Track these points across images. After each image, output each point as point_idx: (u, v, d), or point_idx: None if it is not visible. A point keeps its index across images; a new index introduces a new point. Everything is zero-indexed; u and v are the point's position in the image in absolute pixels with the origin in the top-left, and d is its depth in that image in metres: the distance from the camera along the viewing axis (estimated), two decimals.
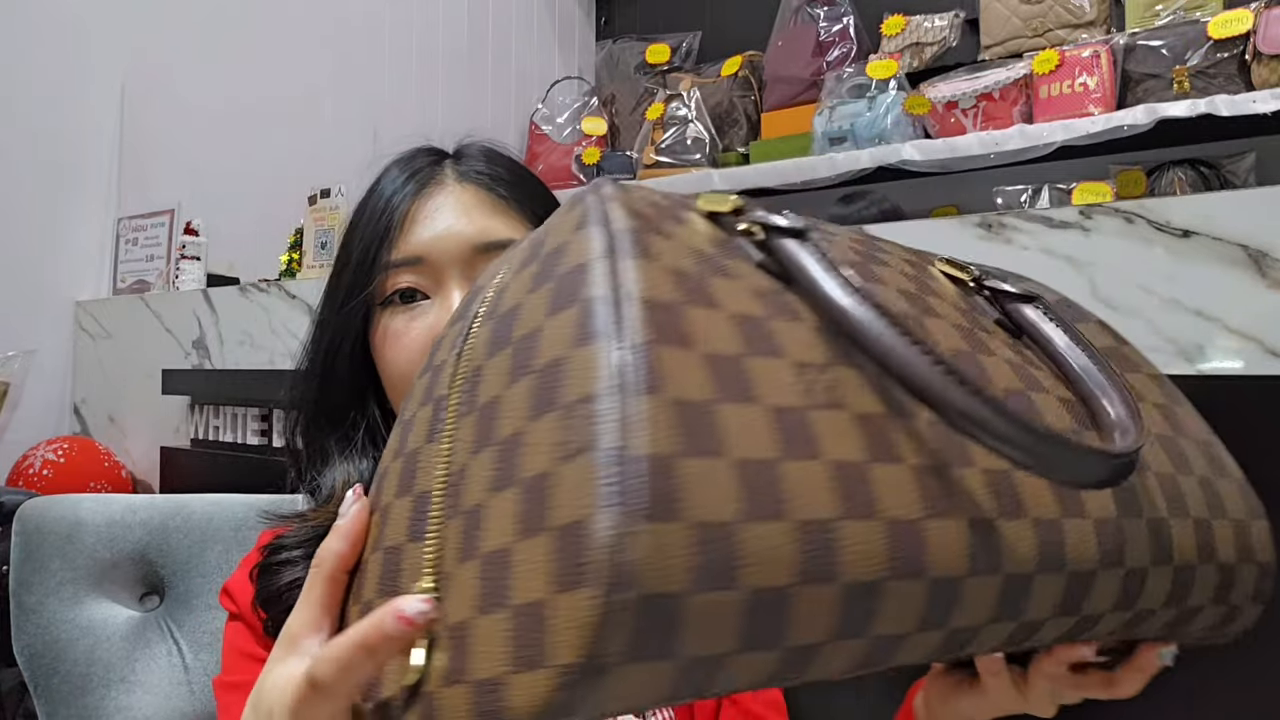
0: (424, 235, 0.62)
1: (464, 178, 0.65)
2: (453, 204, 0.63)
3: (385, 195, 0.65)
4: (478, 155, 0.68)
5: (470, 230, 0.62)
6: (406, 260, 0.62)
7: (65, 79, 1.76)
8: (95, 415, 1.78)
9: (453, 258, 0.61)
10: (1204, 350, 0.69)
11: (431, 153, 0.68)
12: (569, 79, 2.74)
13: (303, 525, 0.59)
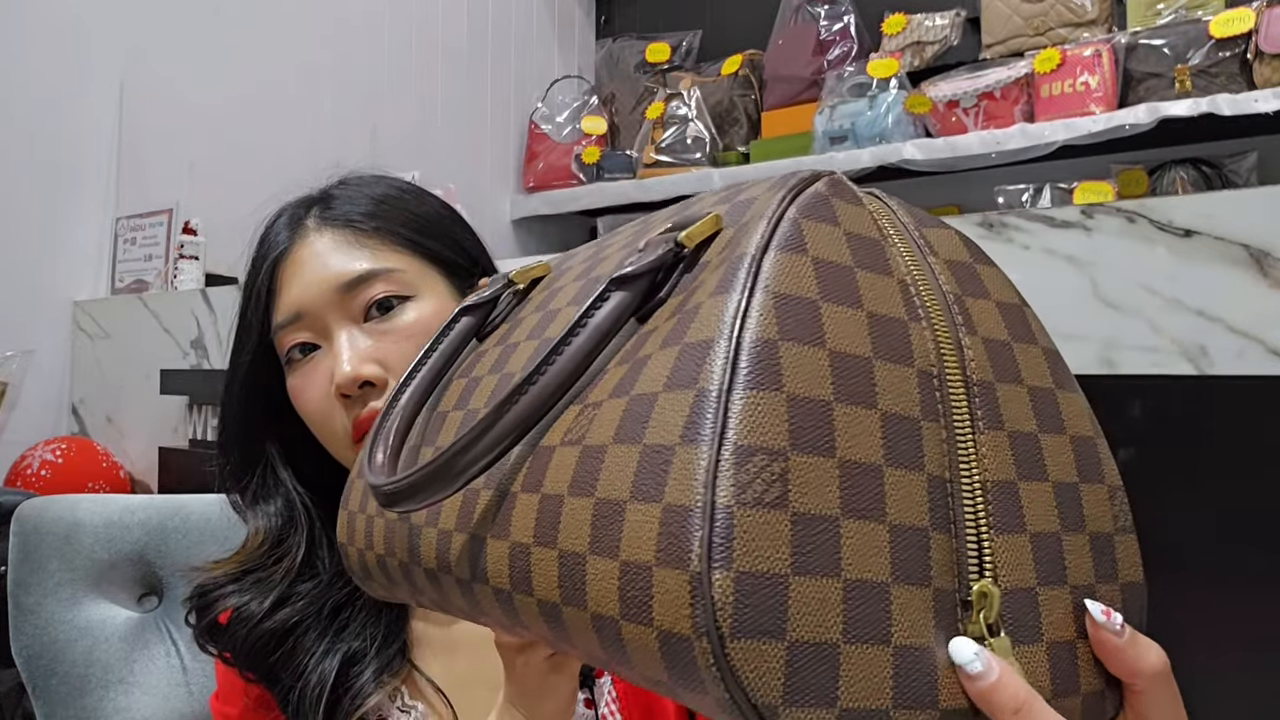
0: (295, 291, 0.66)
1: (323, 224, 0.68)
2: (311, 254, 0.67)
3: (258, 259, 0.69)
4: (347, 195, 0.71)
5: (330, 274, 0.65)
6: (288, 319, 0.66)
7: (64, 79, 1.76)
8: (93, 415, 1.77)
9: (324, 304, 0.65)
10: (1206, 350, 0.69)
11: (300, 205, 0.72)
12: (569, 78, 2.74)
13: (228, 566, 0.67)
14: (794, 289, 0.29)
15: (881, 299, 0.31)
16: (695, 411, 0.27)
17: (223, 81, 1.93)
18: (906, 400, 0.30)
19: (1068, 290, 0.74)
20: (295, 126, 2.04)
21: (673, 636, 0.26)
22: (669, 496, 0.27)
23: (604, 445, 0.30)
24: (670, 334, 0.31)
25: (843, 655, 0.26)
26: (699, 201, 0.39)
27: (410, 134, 2.27)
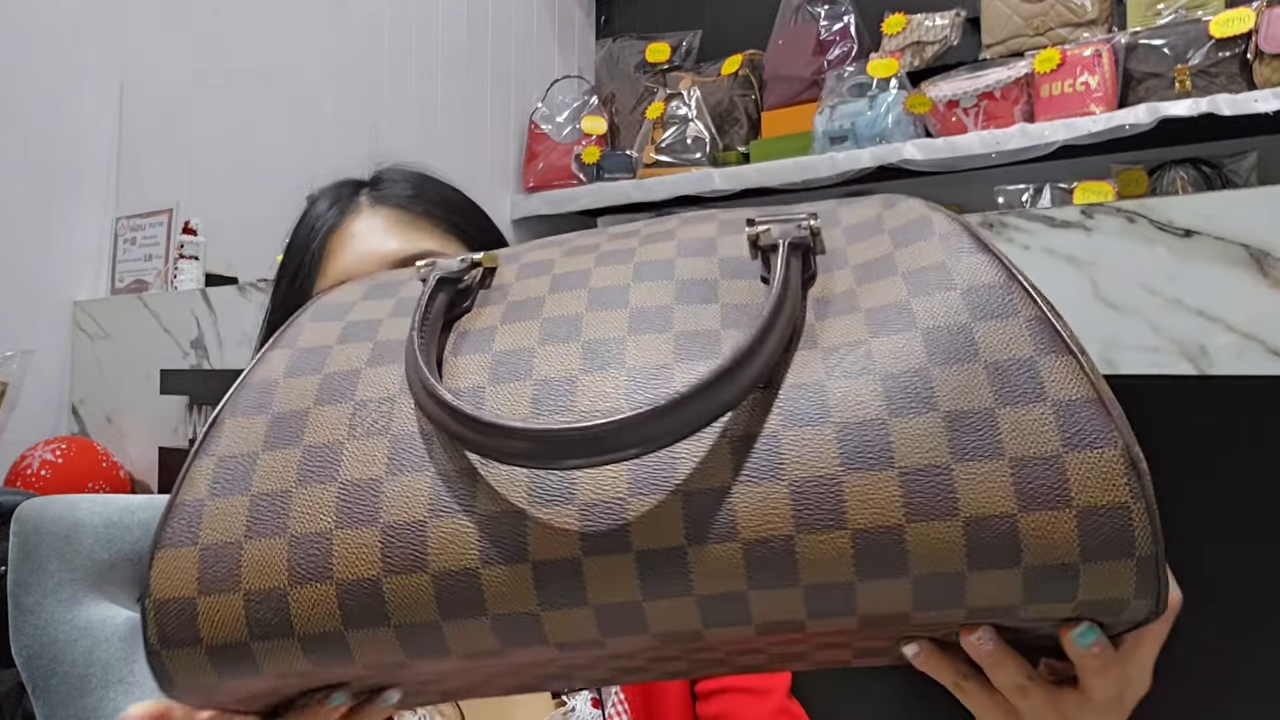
0: (345, 260, 0.66)
1: (378, 201, 0.68)
2: (368, 228, 0.67)
3: (307, 228, 0.68)
4: (394, 179, 0.71)
5: (386, 249, 0.65)
6: (332, 287, 0.64)
7: (63, 79, 1.76)
8: (93, 415, 1.77)
9: None
10: (1206, 350, 0.69)
11: (350, 184, 0.71)
12: (569, 78, 2.74)
13: None
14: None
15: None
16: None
17: (223, 81, 1.93)
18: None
19: (1068, 290, 0.74)
20: (295, 126, 2.04)
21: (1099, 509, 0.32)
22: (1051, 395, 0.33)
23: (909, 369, 0.34)
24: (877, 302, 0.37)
25: None
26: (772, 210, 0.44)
27: (410, 134, 2.27)
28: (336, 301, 0.45)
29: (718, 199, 2.38)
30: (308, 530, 0.36)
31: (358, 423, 0.39)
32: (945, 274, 0.37)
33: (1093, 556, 0.32)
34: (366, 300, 0.45)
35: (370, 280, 0.47)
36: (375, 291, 0.46)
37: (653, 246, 0.43)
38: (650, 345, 0.37)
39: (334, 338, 0.43)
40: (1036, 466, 0.32)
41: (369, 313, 0.44)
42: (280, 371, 0.42)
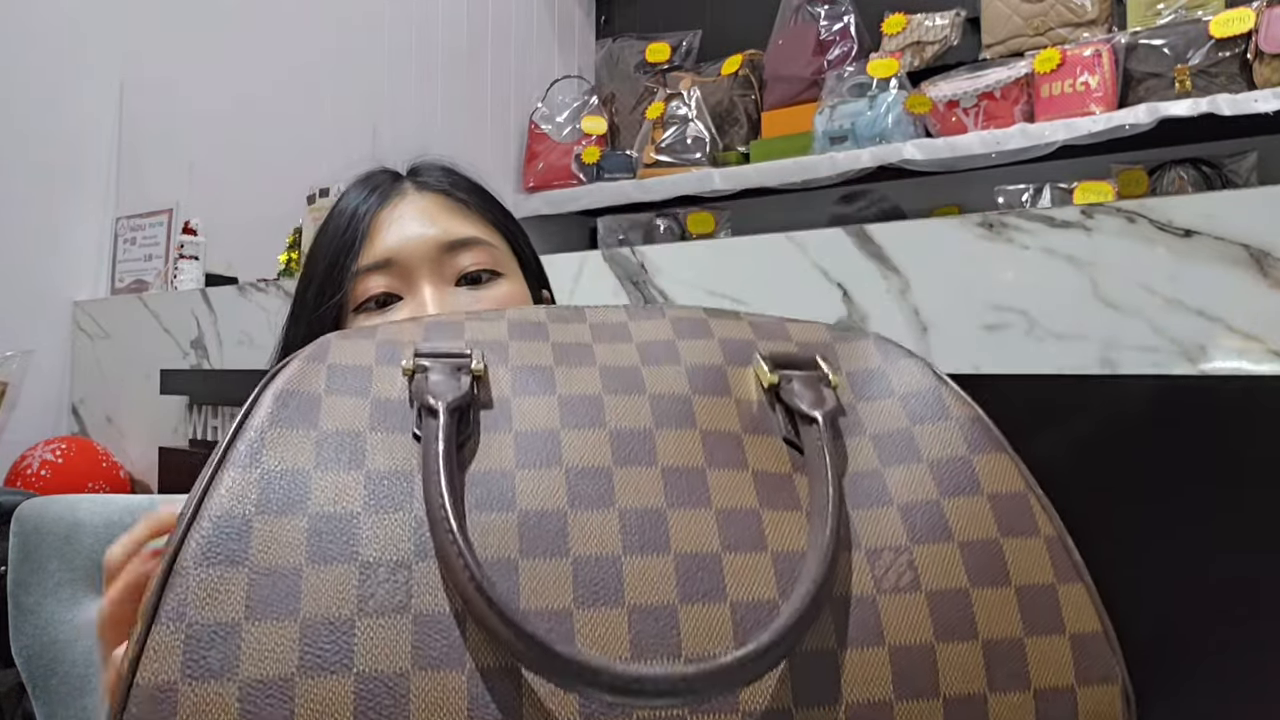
0: (390, 239, 0.64)
1: (423, 187, 0.68)
2: (415, 210, 0.66)
3: (349, 209, 0.66)
4: (433, 169, 0.70)
5: (434, 230, 0.64)
6: (376, 264, 0.63)
7: (63, 79, 1.76)
8: (93, 415, 1.77)
9: (421, 257, 0.63)
10: (1206, 350, 0.69)
11: (388, 172, 0.71)
12: (569, 78, 2.74)
13: None
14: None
15: None
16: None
17: (223, 81, 1.93)
18: None
19: (1068, 290, 0.74)
20: (295, 127, 2.04)
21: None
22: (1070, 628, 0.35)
23: (958, 588, 0.35)
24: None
25: None
26: (770, 337, 0.44)
27: (410, 134, 2.27)
28: (298, 391, 0.38)
29: (718, 199, 2.38)
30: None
31: (368, 594, 0.32)
32: (973, 480, 0.39)
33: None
34: (336, 396, 0.38)
35: (330, 358, 0.39)
36: (341, 381, 0.38)
37: (659, 369, 0.40)
38: (693, 525, 0.35)
39: (309, 456, 0.35)
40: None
41: (344, 418, 0.37)
42: (251, 504, 0.34)
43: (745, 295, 0.93)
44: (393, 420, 0.37)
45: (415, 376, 0.38)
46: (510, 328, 0.42)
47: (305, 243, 1.62)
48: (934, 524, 0.37)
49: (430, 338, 0.40)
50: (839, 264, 0.87)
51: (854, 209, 2.20)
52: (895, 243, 0.84)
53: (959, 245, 0.80)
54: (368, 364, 0.39)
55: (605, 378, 0.39)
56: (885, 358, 0.43)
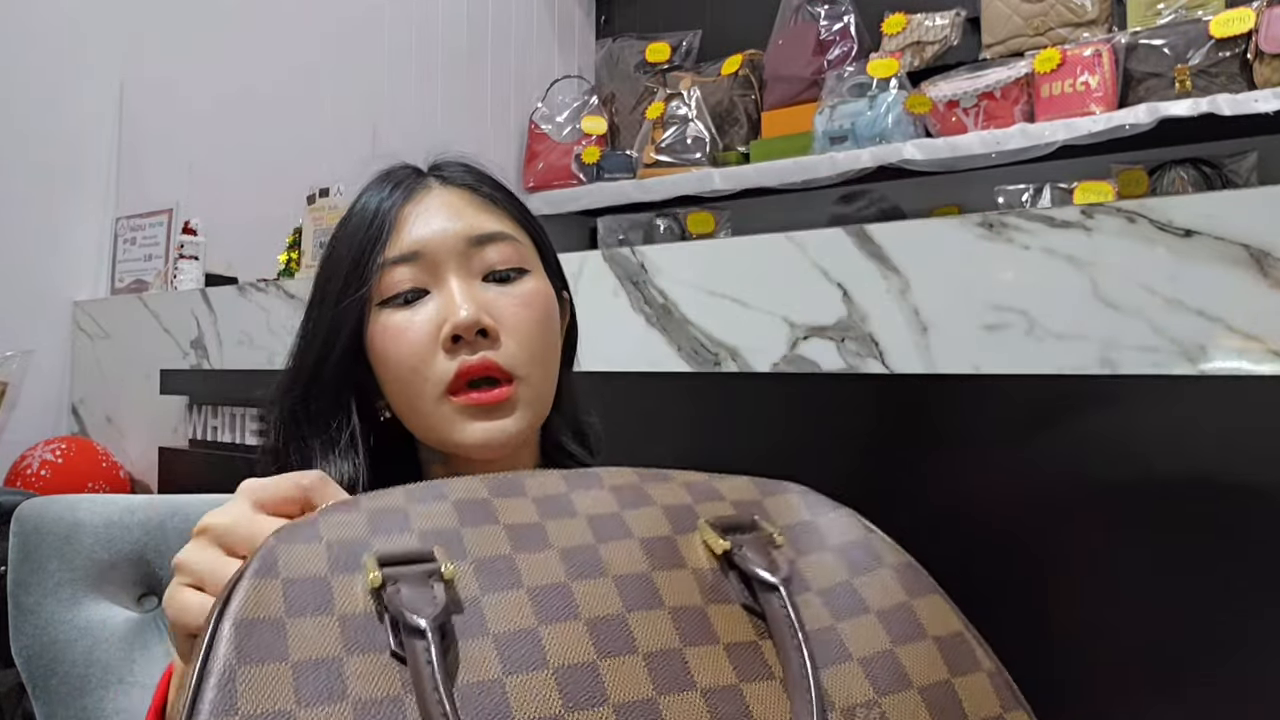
0: (418, 232, 0.63)
1: (448, 181, 0.67)
2: (441, 203, 0.65)
3: (373, 204, 0.66)
4: (455, 165, 0.70)
5: (461, 224, 0.64)
6: (403, 256, 0.63)
7: (63, 79, 1.76)
8: (93, 415, 1.77)
9: (449, 250, 0.63)
10: (1206, 350, 0.69)
11: (410, 168, 0.70)
12: (569, 78, 2.74)
13: None
14: None
15: None
16: None
17: (223, 82, 1.93)
18: None
19: (1068, 290, 0.74)
20: (295, 126, 2.04)
21: None
22: None
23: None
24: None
25: None
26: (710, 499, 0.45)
27: (410, 134, 2.27)
28: (258, 619, 0.35)
29: (718, 199, 2.38)
30: None
31: None
32: (916, 625, 0.41)
33: None
34: (298, 618, 0.36)
35: (281, 571, 0.37)
36: (300, 599, 0.36)
37: (613, 546, 0.41)
38: (685, 711, 0.36)
39: (288, 694, 0.33)
40: None
41: (314, 643, 0.35)
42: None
43: (745, 295, 0.93)
44: (364, 638, 0.35)
45: (385, 590, 0.36)
46: (457, 510, 0.40)
47: (306, 242, 1.62)
48: (894, 674, 0.39)
49: (378, 530, 0.39)
50: (839, 264, 0.87)
51: (854, 209, 2.20)
52: (895, 243, 0.84)
53: (959, 245, 0.80)
54: (322, 573, 0.37)
55: (566, 561, 0.39)
56: (812, 510, 0.45)
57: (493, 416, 0.61)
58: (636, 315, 1.01)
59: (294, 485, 0.45)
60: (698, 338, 0.96)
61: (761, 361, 0.92)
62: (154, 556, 0.91)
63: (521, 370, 0.62)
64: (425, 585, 0.36)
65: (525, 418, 0.62)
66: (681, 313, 0.97)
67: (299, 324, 0.68)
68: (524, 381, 0.62)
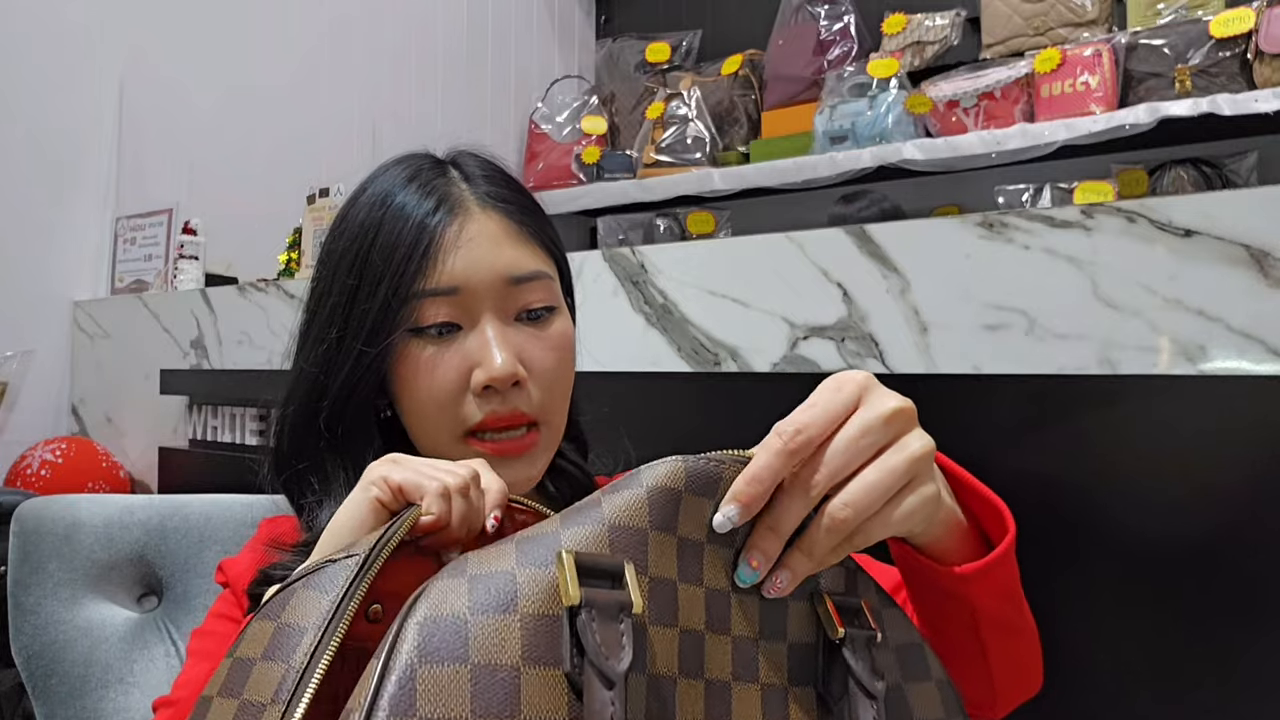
0: (459, 266, 0.61)
1: (486, 203, 0.64)
2: (483, 234, 0.62)
3: (409, 218, 0.62)
4: (486, 173, 0.66)
5: (502, 263, 0.61)
6: (441, 290, 0.60)
7: (63, 79, 1.76)
8: (93, 415, 1.77)
9: (488, 289, 0.61)
10: (1206, 350, 0.69)
11: (430, 161, 0.67)
12: (569, 78, 2.74)
13: (297, 557, 0.58)
14: None
15: None
16: None
17: (223, 82, 1.93)
18: None
19: (1068, 290, 0.74)
20: (295, 127, 2.04)
21: None
22: None
23: None
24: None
25: None
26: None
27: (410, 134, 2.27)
28: (442, 617, 0.34)
29: (718, 199, 2.38)
30: None
31: None
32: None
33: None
34: (482, 615, 0.35)
35: (470, 569, 0.36)
36: (485, 594, 0.35)
37: (743, 599, 0.42)
38: None
39: (464, 703, 0.33)
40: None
41: (493, 647, 0.34)
42: None
43: (745, 295, 0.93)
44: (544, 649, 0.34)
45: (579, 619, 0.35)
46: (650, 505, 0.39)
47: (305, 242, 1.62)
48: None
49: (567, 518, 0.38)
50: (839, 264, 0.87)
51: (854, 209, 2.20)
52: (895, 243, 0.84)
53: (959, 245, 0.80)
54: (509, 566, 0.36)
55: (709, 608, 0.39)
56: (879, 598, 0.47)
57: (515, 460, 0.60)
58: (636, 315, 1.01)
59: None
60: (698, 338, 0.96)
61: (761, 361, 0.92)
62: (154, 556, 0.91)
63: (546, 415, 0.62)
64: (615, 622, 0.35)
65: (545, 458, 0.63)
66: (681, 313, 0.97)
67: (307, 317, 0.65)
68: (547, 425, 0.62)
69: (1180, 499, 0.70)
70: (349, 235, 0.64)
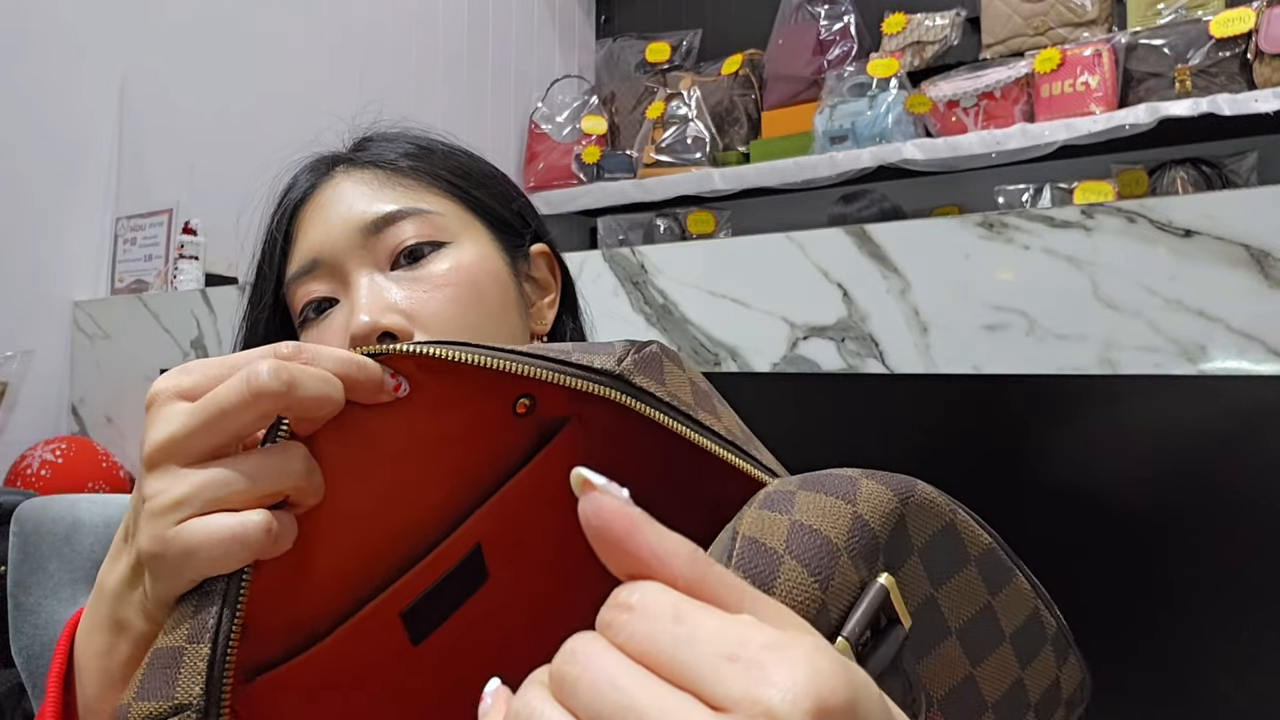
0: (313, 236, 0.57)
1: (352, 166, 0.60)
2: (335, 196, 0.58)
3: (277, 207, 0.60)
4: (378, 138, 0.63)
5: (353, 214, 0.56)
6: (303, 270, 0.57)
7: (63, 79, 1.76)
8: (93, 415, 1.77)
9: (345, 248, 0.56)
10: (1206, 350, 0.69)
11: (326, 156, 0.64)
12: (569, 78, 2.74)
13: None
14: None
15: None
16: None
17: (223, 81, 1.93)
18: None
19: (1068, 290, 0.74)
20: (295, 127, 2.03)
21: None
22: None
23: None
24: None
25: None
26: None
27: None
28: (758, 539, 0.31)
29: (718, 199, 2.38)
30: None
31: None
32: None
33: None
34: (791, 559, 0.30)
35: (796, 511, 0.31)
36: (800, 545, 0.30)
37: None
38: None
39: None
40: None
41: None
42: None
43: (745, 295, 0.93)
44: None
45: (865, 644, 0.29)
46: (899, 499, 0.33)
47: None
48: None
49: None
50: (839, 264, 0.87)
51: (854, 209, 2.20)
52: (895, 243, 0.84)
53: (959, 245, 0.80)
54: (835, 547, 0.30)
55: (963, 642, 0.35)
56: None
57: None
58: (636, 315, 1.01)
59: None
60: (698, 338, 0.96)
61: (761, 361, 0.92)
62: None
63: None
64: (898, 674, 0.30)
65: None
66: (681, 313, 0.97)
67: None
68: None
69: (1180, 499, 0.70)
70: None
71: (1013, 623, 0.36)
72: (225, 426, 0.33)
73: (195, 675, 0.32)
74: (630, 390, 0.36)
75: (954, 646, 0.33)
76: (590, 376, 0.36)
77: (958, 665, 0.33)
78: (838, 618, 0.28)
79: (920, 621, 0.32)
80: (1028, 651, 0.36)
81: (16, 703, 1.17)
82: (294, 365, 0.33)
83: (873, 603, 0.29)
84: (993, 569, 0.35)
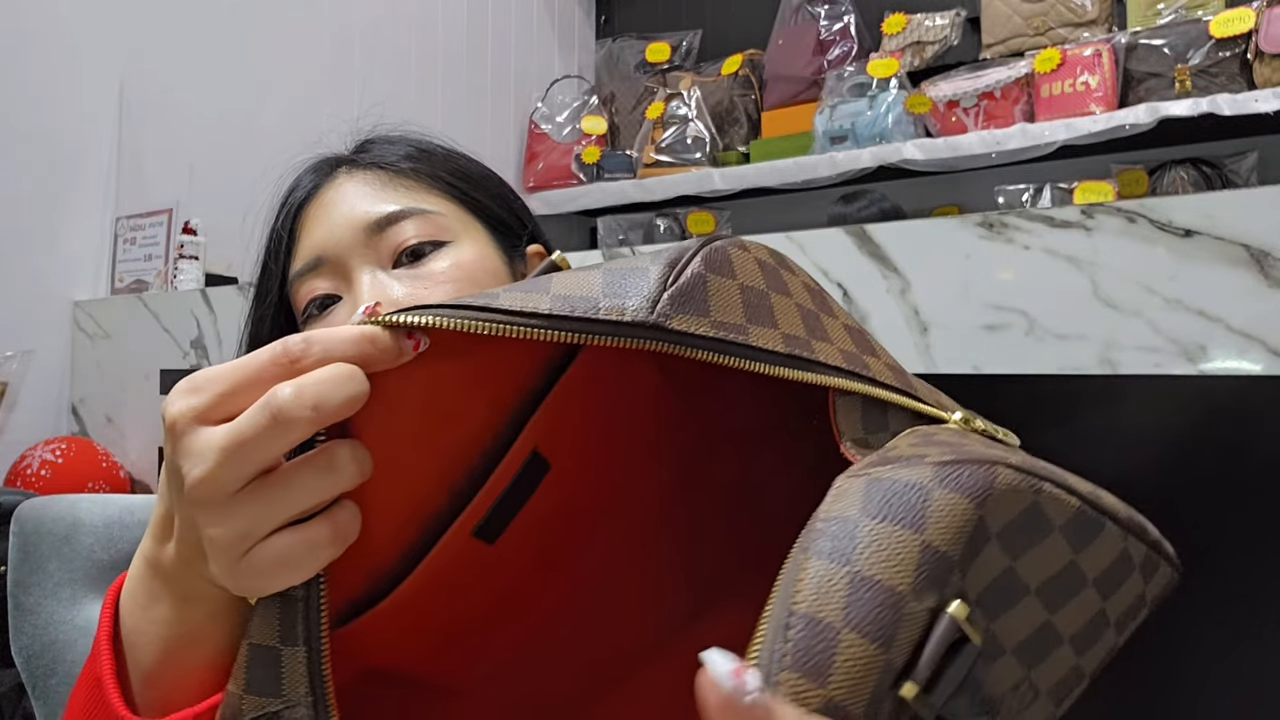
0: (318, 234, 0.59)
1: (355, 167, 0.62)
2: (339, 196, 0.60)
3: (281, 206, 0.62)
4: (379, 140, 0.65)
5: (358, 213, 0.58)
6: (307, 267, 0.59)
7: (63, 79, 1.76)
8: (93, 415, 1.77)
9: (348, 247, 0.58)
10: (1206, 350, 0.69)
11: (333, 157, 0.66)
12: (569, 78, 2.74)
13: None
14: None
15: None
16: None
17: (223, 82, 1.93)
18: None
19: (1068, 290, 0.74)
20: (295, 127, 2.03)
21: None
22: None
23: None
24: None
25: None
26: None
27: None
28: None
29: (718, 199, 2.38)
30: None
31: None
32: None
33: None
34: (852, 631, 0.28)
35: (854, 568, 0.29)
36: (862, 613, 0.28)
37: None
38: None
39: None
40: None
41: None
42: None
43: None
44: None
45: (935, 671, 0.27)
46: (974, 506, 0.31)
47: None
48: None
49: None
50: (839, 264, 0.87)
51: (854, 209, 2.20)
52: (895, 243, 0.84)
53: (959, 245, 0.80)
54: (905, 588, 0.28)
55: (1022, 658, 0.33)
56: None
57: None
58: None
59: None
60: None
61: None
62: None
63: None
64: (966, 693, 0.27)
65: None
66: None
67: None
68: None
69: (1180, 499, 0.70)
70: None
71: (1098, 567, 0.34)
72: (260, 459, 0.32)
73: (298, 677, 0.33)
74: (669, 337, 0.33)
75: (1032, 601, 0.31)
76: (621, 332, 0.33)
77: (1035, 615, 0.31)
78: (905, 658, 0.27)
79: (995, 589, 0.30)
80: (1111, 585, 0.34)
81: (16, 703, 1.17)
82: (313, 384, 0.32)
83: (942, 641, 0.27)
84: (1079, 529, 0.32)
